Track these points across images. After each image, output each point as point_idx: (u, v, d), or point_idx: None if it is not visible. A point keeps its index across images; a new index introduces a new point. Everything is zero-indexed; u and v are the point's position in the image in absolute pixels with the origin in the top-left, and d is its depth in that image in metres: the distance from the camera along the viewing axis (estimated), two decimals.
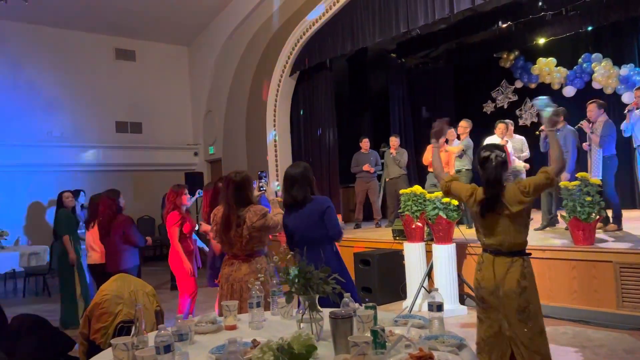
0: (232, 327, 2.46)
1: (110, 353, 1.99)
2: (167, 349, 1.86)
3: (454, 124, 7.94)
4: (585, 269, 4.95)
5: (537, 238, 5.98)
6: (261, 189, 3.75)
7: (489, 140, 7.55)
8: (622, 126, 6.14)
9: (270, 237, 3.62)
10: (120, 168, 11.61)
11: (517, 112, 10.80)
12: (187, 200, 5.08)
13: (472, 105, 11.45)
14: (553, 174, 2.70)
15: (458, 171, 7.60)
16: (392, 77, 11.48)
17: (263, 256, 3.44)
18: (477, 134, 7.69)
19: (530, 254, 2.81)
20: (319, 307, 2.20)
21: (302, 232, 3.21)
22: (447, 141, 7.72)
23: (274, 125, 10.17)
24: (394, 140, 8.74)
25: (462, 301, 5.66)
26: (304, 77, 10.07)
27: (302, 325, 2.21)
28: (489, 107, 11.34)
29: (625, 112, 6.12)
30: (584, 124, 6.34)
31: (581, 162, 6.42)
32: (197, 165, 12.80)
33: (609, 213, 6.05)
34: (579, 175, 5.27)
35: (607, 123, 6.18)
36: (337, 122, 9.91)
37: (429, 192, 5.73)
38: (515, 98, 10.94)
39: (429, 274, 5.73)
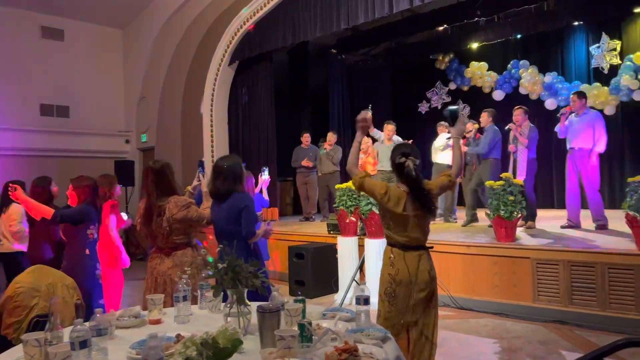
0: (157, 322, 2.38)
1: (21, 349, 1.87)
2: (83, 344, 1.77)
3: (397, 122, 8.17)
4: (506, 265, 5.23)
5: (462, 235, 6.24)
6: (199, 179, 3.66)
7: (439, 139, 7.83)
8: (556, 128, 6.51)
9: (204, 229, 3.52)
10: (43, 154, 10.91)
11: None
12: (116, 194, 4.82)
13: (408, 104, 11.79)
14: (454, 177, 2.98)
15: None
16: (332, 73, 11.54)
17: (189, 249, 3.35)
18: (411, 133, 7.96)
19: (432, 247, 3.02)
20: (247, 301, 2.18)
21: (221, 226, 3.20)
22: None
23: (211, 115, 9.95)
24: (331, 137, 8.82)
25: None
26: (244, 68, 9.91)
27: (229, 319, 2.18)
28: (423, 107, 11.68)
29: (559, 115, 6.48)
30: (513, 126, 6.68)
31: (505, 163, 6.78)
32: (129, 153, 12.30)
33: (527, 212, 6.42)
34: (503, 175, 5.55)
35: (531, 128, 6.55)
36: (276, 114, 9.86)
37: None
38: (449, 99, 11.32)
39: (361, 268, 5.83)
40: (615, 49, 8.96)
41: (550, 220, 6.98)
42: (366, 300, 2.22)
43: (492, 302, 5.27)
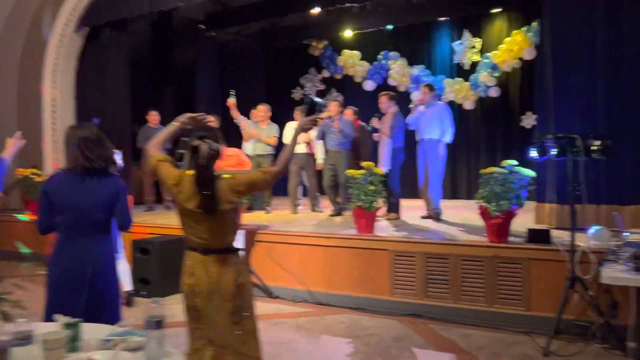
0: None
1: None
2: None
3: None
4: (365, 257, 5.02)
5: (324, 225, 5.98)
6: None
7: (289, 126, 7.44)
8: (407, 119, 6.47)
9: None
10: None
11: (328, 99, 10.95)
12: None
13: (282, 90, 11.39)
14: (271, 176, 2.45)
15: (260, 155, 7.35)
16: (201, 51, 10.68)
17: None
18: (285, 120, 7.57)
19: (242, 249, 2.63)
20: None
21: (86, 212, 2.54)
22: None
23: (54, 84, 8.62)
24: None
25: None
26: (96, 36, 8.71)
27: None
28: (297, 94, 11.38)
29: (411, 106, 6.45)
30: (374, 120, 6.54)
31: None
32: None
33: (391, 203, 6.35)
34: (364, 164, 5.33)
35: (396, 115, 6.45)
36: (134, 92, 8.84)
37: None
38: (322, 87, 11.13)
39: None
40: (475, 47, 9.35)
41: (417, 210, 6.99)
42: (159, 324, 1.68)
43: (351, 297, 5.03)
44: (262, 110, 7.55)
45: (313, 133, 7.35)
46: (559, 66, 5.35)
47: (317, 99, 2.79)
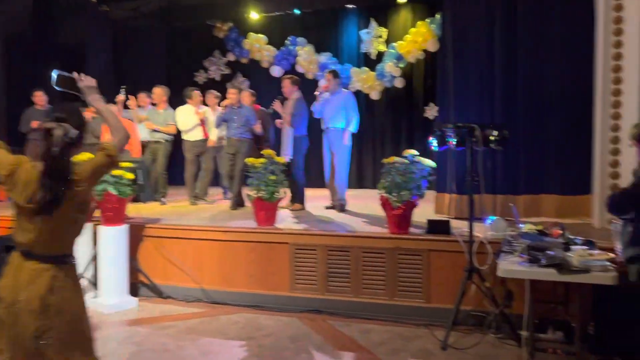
0: None
1: None
2: None
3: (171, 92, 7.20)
4: (264, 251, 4.71)
5: (223, 218, 5.61)
6: None
7: (180, 110, 6.94)
8: (312, 107, 6.23)
9: None
10: None
11: (228, 86, 10.47)
12: None
13: (184, 73, 10.70)
14: (114, 150, 2.10)
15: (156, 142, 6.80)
16: (91, 27, 9.73)
17: None
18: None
19: (73, 262, 2.13)
20: None
21: None
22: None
23: None
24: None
25: (134, 292, 4.84)
26: None
27: None
28: (201, 77, 10.77)
29: (316, 93, 6.21)
30: (276, 103, 6.23)
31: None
32: None
33: (295, 193, 6.11)
34: (265, 152, 5.01)
35: (299, 101, 6.19)
36: (10, 70, 7.82)
37: None
38: (228, 71, 10.62)
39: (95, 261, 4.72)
40: (381, 36, 9.32)
41: (322, 200, 6.77)
42: None
43: (248, 294, 4.70)
44: (159, 94, 6.99)
45: (211, 118, 6.90)
46: (459, 58, 5.37)
47: (62, 72, 2.36)
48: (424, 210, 5.04)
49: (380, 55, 9.29)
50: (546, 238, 3.28)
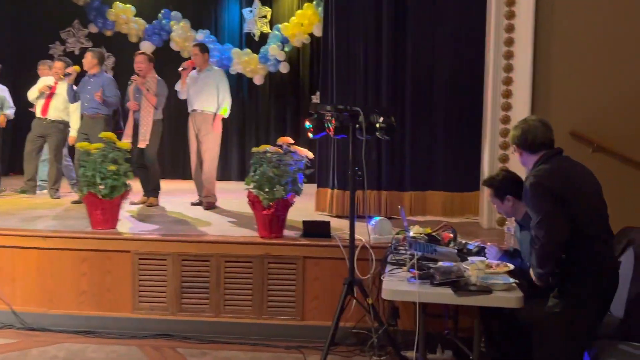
0: None
1: None
2: None
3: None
4: (100, 262, 3.70)
5: (59, 217, 4.49)
6: None
7: (41, 81, 5.69)
8: (176, 87, 5.29)
9: None
10: None
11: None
12: None
13: (37, 44, 9.05)
14: None
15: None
16: None
17: None
18: (34, 80, 5.75)
19: None
20: None
21: None
22: None
23: None
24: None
25: None
26: None
27: None
28: (56, 50, 9.21)
29: (180, 69, 5.25)
30: (137, 79, 5.17)
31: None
32: None
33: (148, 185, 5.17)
34: (102, 135, 3.97)
35: (160, 82, 5.24)
36: None
37: None
38: (89, 44, 9.16)
39: None
40: (265, 17, 8.55)
41: (185, 195, 5.83)
42: None
43: (77, 317, 3.67)
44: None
45: (62, 88, 5.65)
46: (342, 44, 4.75)
47: None
48: (304, 208, 4.37)
49: (264, 37, 8.50)
50: (438, 247, 2.71)
